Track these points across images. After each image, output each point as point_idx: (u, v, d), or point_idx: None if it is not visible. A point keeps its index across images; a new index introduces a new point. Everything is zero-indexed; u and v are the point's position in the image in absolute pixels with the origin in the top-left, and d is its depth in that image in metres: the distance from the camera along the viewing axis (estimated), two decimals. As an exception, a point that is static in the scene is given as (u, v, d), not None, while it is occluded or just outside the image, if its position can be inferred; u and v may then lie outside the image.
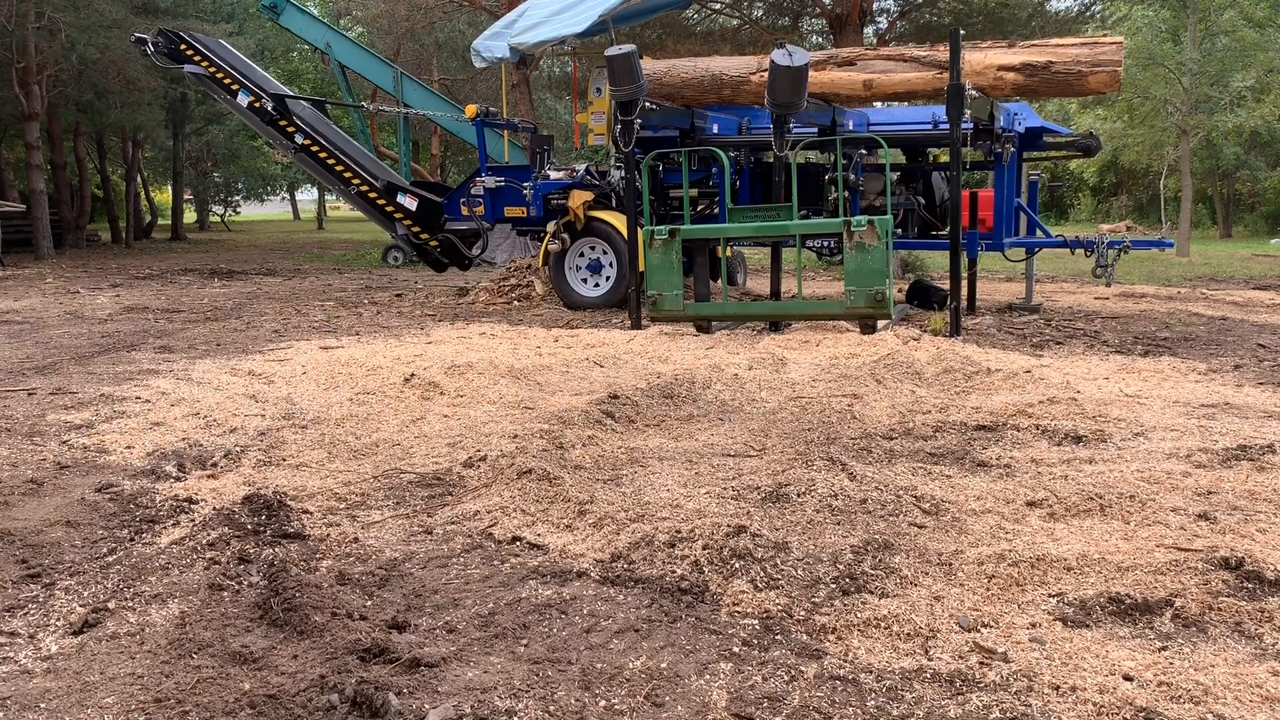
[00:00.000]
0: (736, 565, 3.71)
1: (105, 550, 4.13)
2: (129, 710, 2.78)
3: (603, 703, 2.81)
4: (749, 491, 4.58)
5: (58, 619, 3.40)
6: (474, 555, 3.96)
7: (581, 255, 13.02)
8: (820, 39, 23.67)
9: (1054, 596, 3.47)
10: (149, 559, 3.99)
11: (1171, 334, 10.36)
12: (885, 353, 8.51)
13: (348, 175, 15.13)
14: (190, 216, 50.78)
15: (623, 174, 12.45)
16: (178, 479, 5.15)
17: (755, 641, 3.18)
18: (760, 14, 23.70)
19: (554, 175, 13.82)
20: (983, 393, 7.09)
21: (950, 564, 3.76)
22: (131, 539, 4.27)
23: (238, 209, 56.43)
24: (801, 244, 11.00)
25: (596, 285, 12.97)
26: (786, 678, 2.94)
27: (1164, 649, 3.10)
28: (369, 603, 3.49)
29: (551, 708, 2.77)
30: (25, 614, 3.46)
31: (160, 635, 3.24)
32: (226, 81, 15.55)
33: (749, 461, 5.26)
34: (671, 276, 9.88)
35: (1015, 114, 12.54)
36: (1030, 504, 4.48)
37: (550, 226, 12.98)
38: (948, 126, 10.22)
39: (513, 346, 9.46)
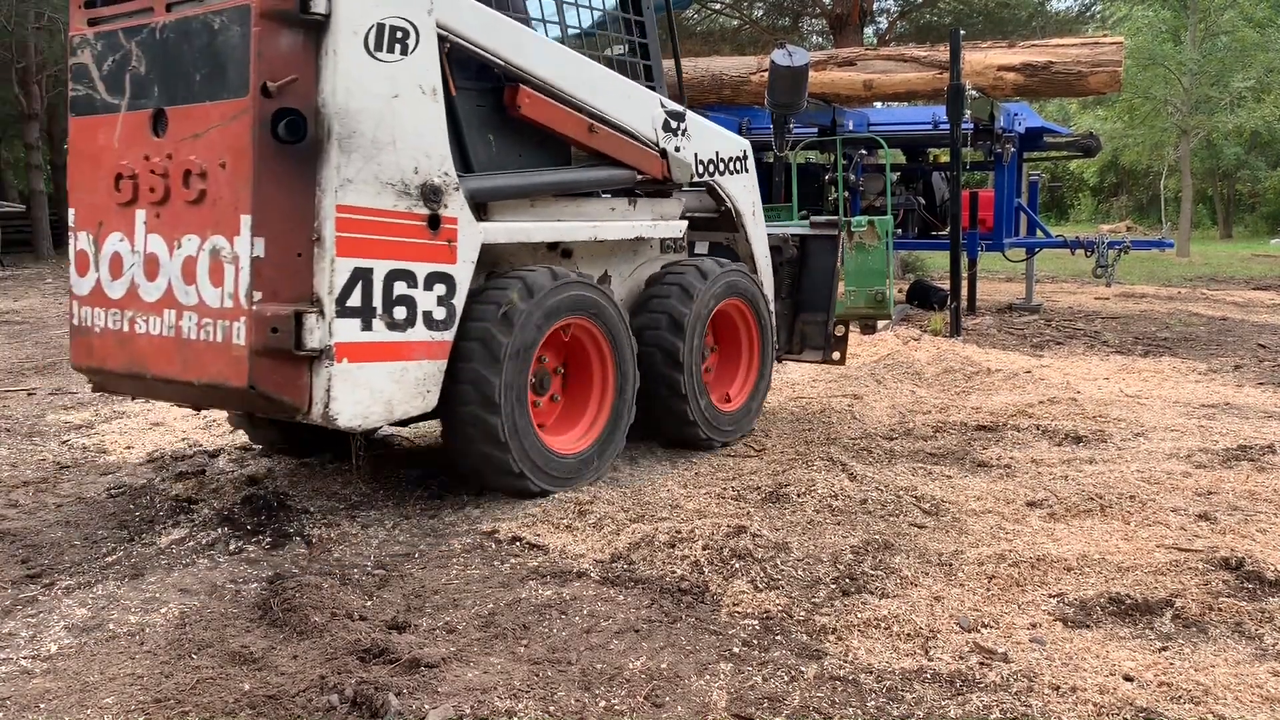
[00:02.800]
0: (736, 565, 3.71)
1: (105, 550, 4.13)
2: (129, 710, 2.78)
3: (603, 703, 2.81)
4: (749, 491, 4.58)
5: (58, 619, 3.40)
6: (474, 555, 3.96)
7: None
8: (820, 39, 23.66)
9: (1054, 597, 3.47)
10: (149, 559, 3.98)
11: (1171, 334, 10.36)
12: (885, 353, 8.52)
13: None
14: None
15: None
16: (178, 479, 5.15)
17: (755, 642, 3.18)
18: (760, 14, 23.69)
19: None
20: (983, 393, 7.09)
21: (950, 564, 3.76)
22: (131, 539, 4.26)
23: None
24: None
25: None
26: (786, 678, 2.94)
27: (1164, 649, 3.10)
28: (369, 603, 3.48)
29: (551, 708, 2.77)
30: (25, 614, 3.46)
31: (160, 635, 3.23)
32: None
33: (749, 461, 5.26)
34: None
35: (1015, 114, 12.54)
36: (1030, 504, 4.48)
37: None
38: (948, 126, 10.22)
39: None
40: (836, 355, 6.52)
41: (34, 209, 25.13)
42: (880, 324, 9.81)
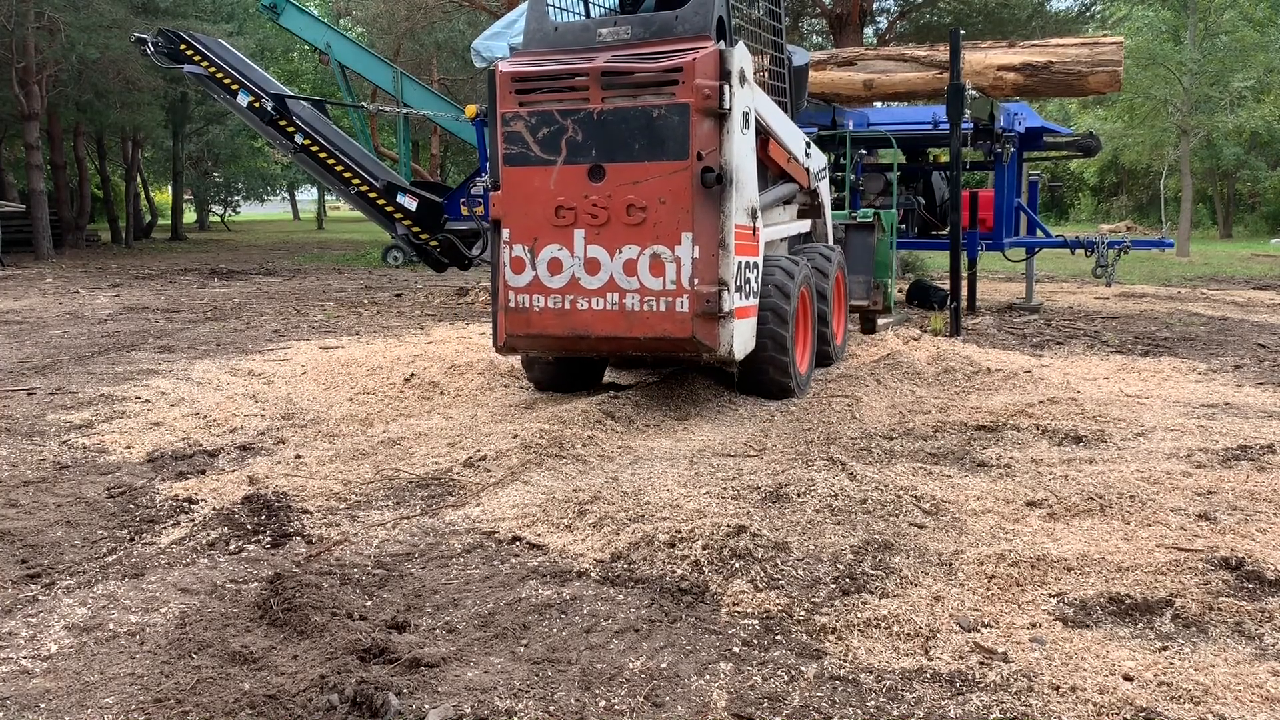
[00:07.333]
0: (736, 565, 3.71)
1: (105, 550, 4.13)
2: (129, 710, 2.78)
3: (603, 703, 2.81)
4: (749, 491, 4.57)
5: (58, 619, 3.40)
6: (474, 555, 3.96)
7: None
8: (820, 39, 23.67)
9: (1054, 596, 3.47)
10: (149, 559, 3.99)
11: (1171, 334, 10.36)
12: (885, 353, 8.51)
13: (348, 175, 15.10)
14: (190, 216, 50.80)
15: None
16: (178, 479, 5.15)
17: (755, 641, 3.18)
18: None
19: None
20: (983, 393, 7.09)
21: (950, 564, 3.76)
22: (131, 539, 4.27)
23: (237, 209, 56.44)
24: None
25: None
26: (786, 678, 2.94)
27: (1164, 649, 3.10)
28: (369, 603, 3.48)
29: (551, 708, 2.77)
30: (25, 614, 3.46)
31: (160, 635, 3.24)
32: (226, 81, 15.52)
33: (749, 461, 5.26)
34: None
35: (1015, 114, 12.54)
36: (1030, 504, 4.48)
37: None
38: (948, 126, 10.23)
39: (513, 346, 9.44)
40: (875, 301, 9.31)
41: (34, 209, 25.13)
42: (880, 323, 9.84)
